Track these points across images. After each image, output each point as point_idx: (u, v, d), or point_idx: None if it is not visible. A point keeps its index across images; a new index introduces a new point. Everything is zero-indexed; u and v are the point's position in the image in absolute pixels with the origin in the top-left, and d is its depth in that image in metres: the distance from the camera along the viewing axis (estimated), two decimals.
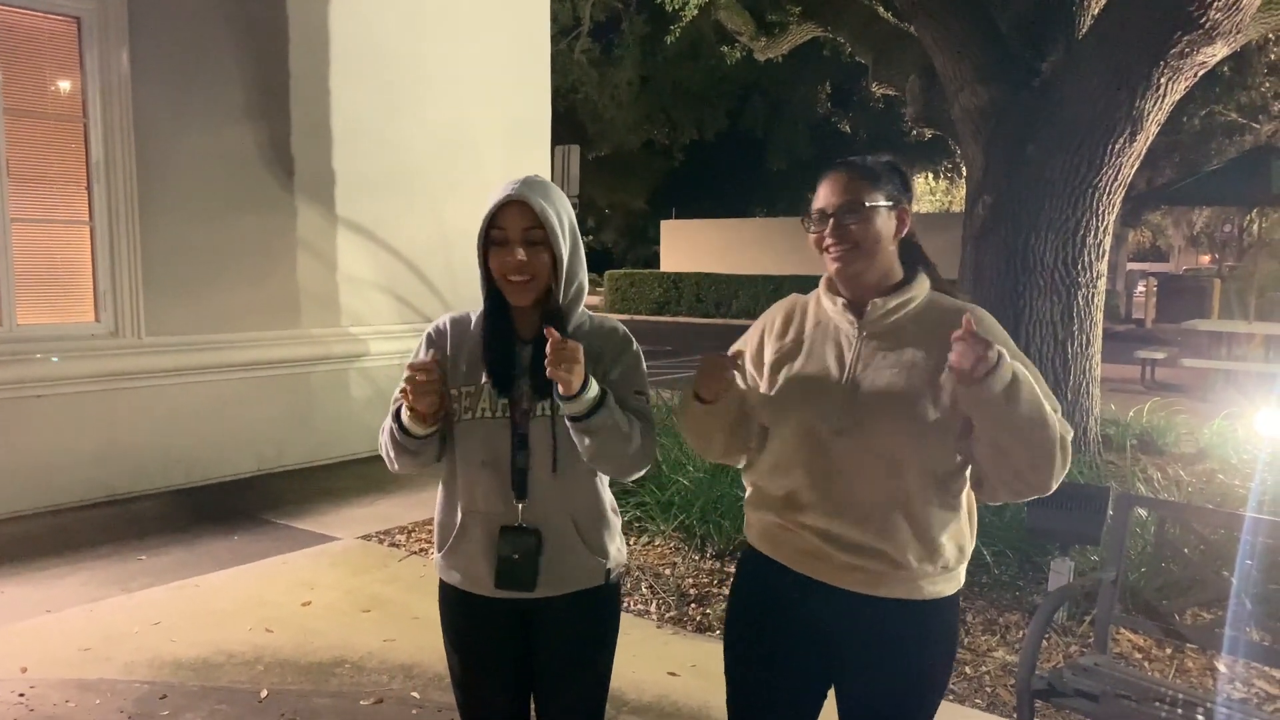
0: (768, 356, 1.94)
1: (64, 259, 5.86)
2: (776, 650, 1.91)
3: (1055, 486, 1.76)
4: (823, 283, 1.95)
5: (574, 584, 1.97)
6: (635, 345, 2.02)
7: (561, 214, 1.91)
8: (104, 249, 5.84)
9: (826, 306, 1.92)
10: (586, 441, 1.88)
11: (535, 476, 1.91)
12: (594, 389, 1.84)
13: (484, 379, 1.93)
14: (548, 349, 1.77)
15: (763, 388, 1.92)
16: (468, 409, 1.94)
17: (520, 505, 1.92)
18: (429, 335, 2.04)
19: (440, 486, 2.05)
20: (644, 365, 2.03)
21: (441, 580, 2.07)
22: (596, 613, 2.03)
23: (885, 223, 1.83)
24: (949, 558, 1.82)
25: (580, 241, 1.98)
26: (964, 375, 1.63)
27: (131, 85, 5.81)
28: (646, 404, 1.99)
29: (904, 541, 1.78)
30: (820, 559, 1.83)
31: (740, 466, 2.03)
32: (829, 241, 1.83)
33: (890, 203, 1.83)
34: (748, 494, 2.01)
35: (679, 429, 2.03)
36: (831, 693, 1.95)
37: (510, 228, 1.87)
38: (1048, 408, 1.70)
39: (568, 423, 1.87)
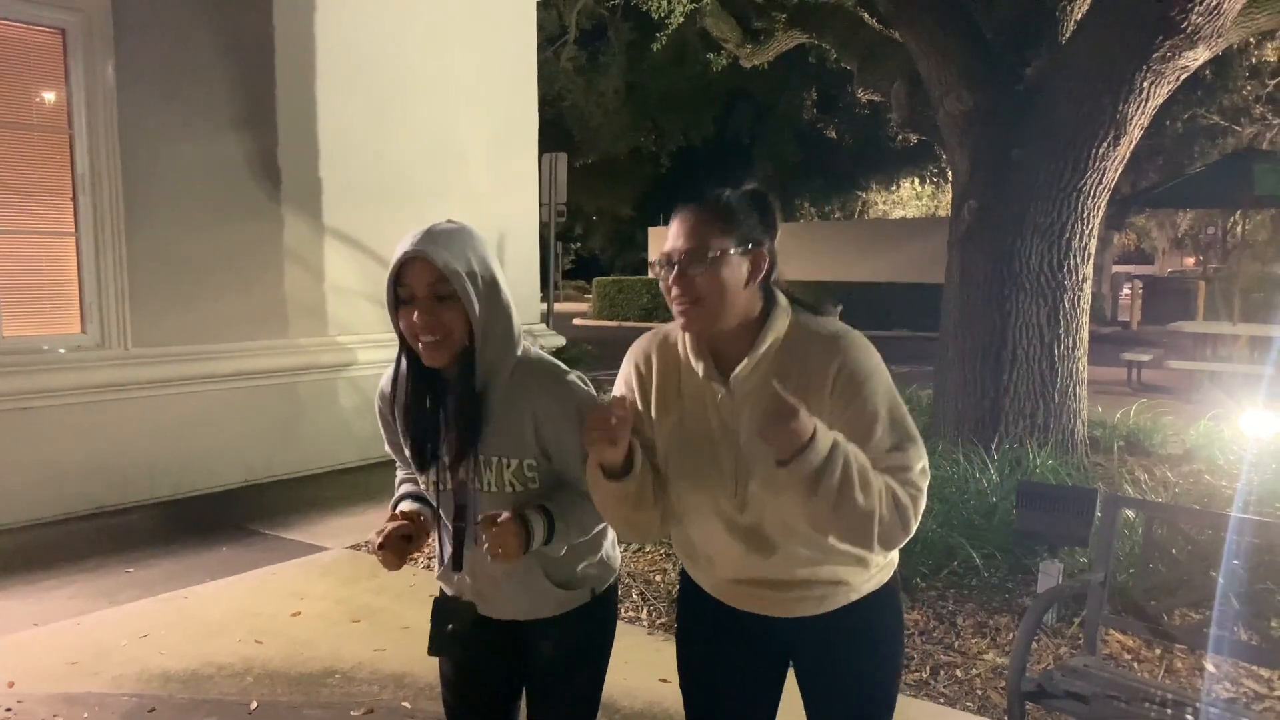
0: (654, 403, 1.78)
1: (49, 271, 5.83)
2: (727, 665, 1.91)
3: (886, 550, 1.69)
4: (686, 338, 1.76)
5: (556, 608, 1.96)
6: (576, 391, 1.83)
7: (472, 261, 1.75)
8: (90, 260, 5.81)
9: (694, 367, 1.74)
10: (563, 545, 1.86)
11: (469, 550, 1.90)
12: (538, 537, 1.76)
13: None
14: (482, 533, 1.72)
15: (657, 439, 1.79)
16: (430, 481, 1.92)
17: (456, 577, 1.93)
18: (378, 407, 1.99)
19: None
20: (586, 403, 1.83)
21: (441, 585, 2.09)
22: (586, 627, 2.01)
23: (735, 270, 1.64)
24: (878, 560, 1.80)
25: (500, 285, 1.79)
26: (778, 450, 1.53)
27: (117, 96, 5.80)
28: None
29: (834, 567, 1.77)
30: (760, 600, 1.82)
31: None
32: (674, 292, 1.66)
33: (743, 246, 1.64)
34: (673, 535, 1.91)
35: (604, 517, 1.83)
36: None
37: (415, 284, 1.74)
38: (874, 489, 1.57)
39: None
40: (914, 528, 1.64)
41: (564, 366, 1.89)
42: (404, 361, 1.83)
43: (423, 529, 1.89)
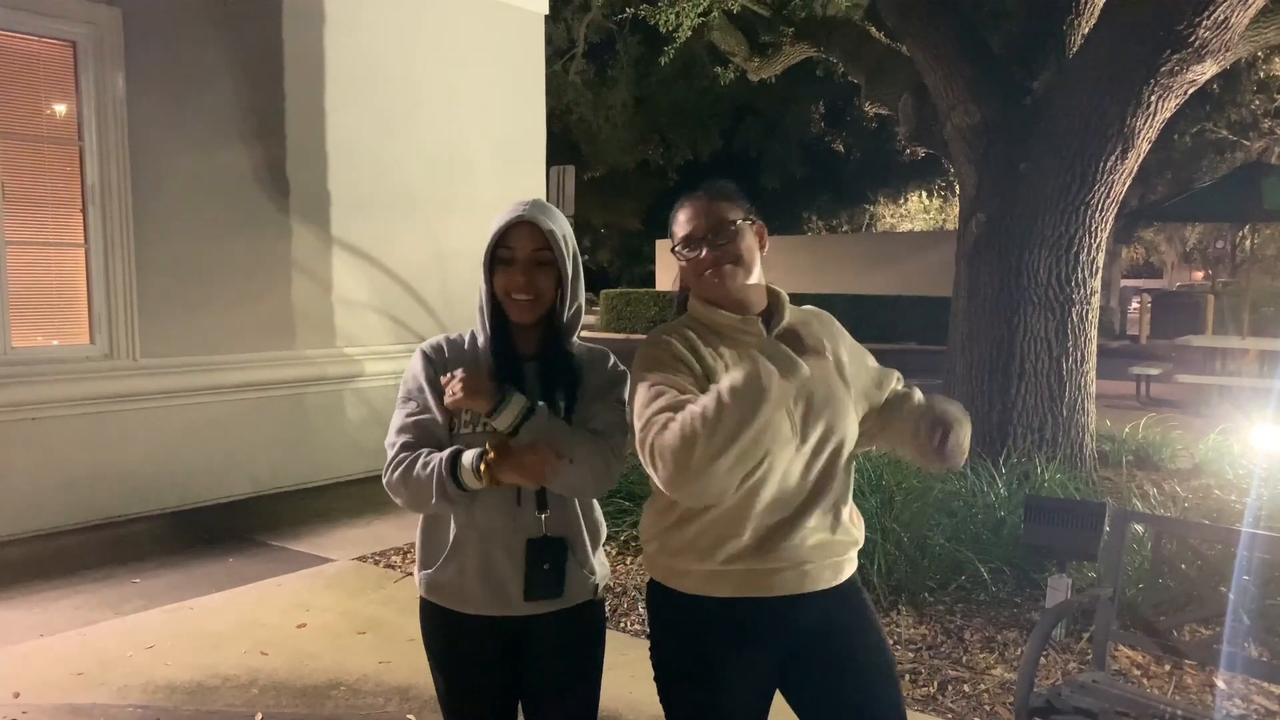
0: (706, 361, 1.87)
1: (59, 282, 5.85)
2: (734, 690, 1.90)
3: None
4: (702, 308, 1.91)
5: (570, 599, 1.99)
6: (625, 372, 2.05)
7: (566, 236, 1.97)
8: (99, 271, 5.83)
9: (724, 324, 1.89)
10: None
11: (552, 493, 1.95)
12: (515, 402, 1.86)
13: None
14: (456, 378, 1.83)
15: None
16: (467, 424, 1.95)
17: (544, 517, 1.94)
18: (425, 354, 2.02)
19: None
20: (629, 388, 1.95)
21: (424, 599, 2.06)
22: (586, 629, 2.06)
23: (749, 239, 1.90)
24: (862, 527, 2.00)
25: (580, 264, 2.03)
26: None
27: (127, 108, 5.83)
28: (622, 413, 1.96)
29: (849, 521, 1.94)
30: (799, 572, 1.85)
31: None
32: (710, 261, 1.86)
33: (748, 219, 1.91)
34: (671, 543, 1.89)
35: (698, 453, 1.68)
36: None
37: (518, 248, 1.93)
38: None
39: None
40: None
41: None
42: (488, 323, 1.99)
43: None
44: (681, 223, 1.92)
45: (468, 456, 1.85)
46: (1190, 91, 5.80)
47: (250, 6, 6.50)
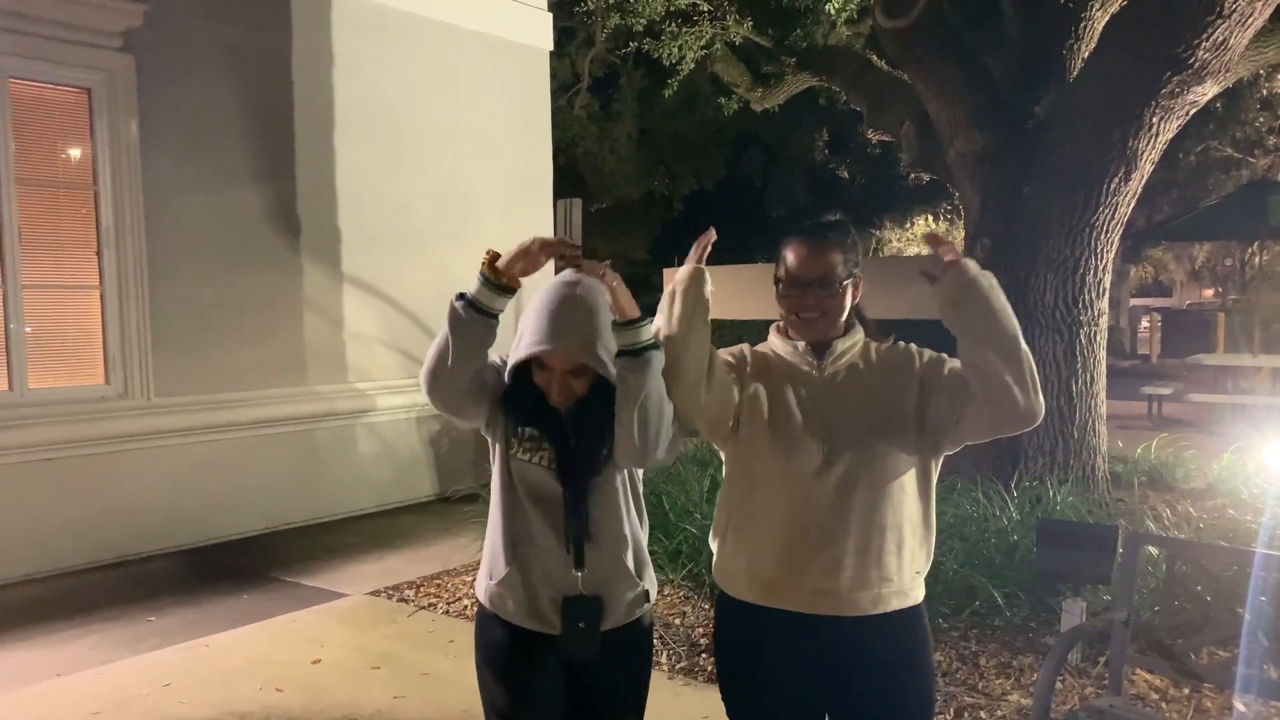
0: (748, 372, 2.01)
1: (74, 323, 5.93)
2: (777, 696, 1.96)
3: (1038, 413, 1.89)
4: (776, 330, 2.07)
5: (624, 617, 2.05)
6: None
7: (601, 329, 1.94)
8: (114, 313, 5.90)
9: (783, 351, 2.03)
10: (646, 386, 1.89)
11: (590, 547, 1.99)
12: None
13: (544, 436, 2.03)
14: (606, 283, 1.95)
15: (737, 426, 1.98)
16: (528, 450, 2.02)
17: (580, 575, 1.99)
18: (496, 363, 2.06)
19: (493, 513, 2.11)
20: None
21: (488, 611, 2.08)
22: (637, 651, 2.11)
23: (849, 293, 1.98)
24: (922, 564, 1.97)
25: (609, 317, 1.99)
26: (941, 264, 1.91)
27: (140, 152, 5.92)
28: None
29: (893, 557, 1.91)
30: (826, 594, 1.90)
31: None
32: (802, 308, 1.96)
33: (852, 274, 1.97)
34: (723, 547, 2.05)
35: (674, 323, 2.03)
36: None
37: (553, 365, 1.96)
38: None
39: (629, 362, 1.90)
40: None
41: None
42: (528, 381, 2.00)
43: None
44: (792, 261, 1.96)
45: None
46: (1191, 112, 5.83)
47: (260, 51, 6.61)
